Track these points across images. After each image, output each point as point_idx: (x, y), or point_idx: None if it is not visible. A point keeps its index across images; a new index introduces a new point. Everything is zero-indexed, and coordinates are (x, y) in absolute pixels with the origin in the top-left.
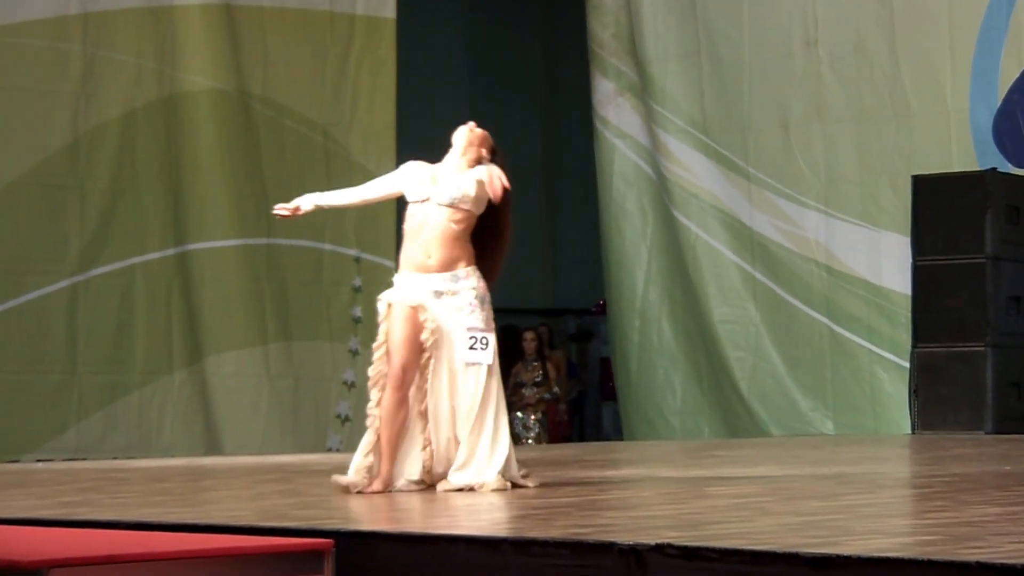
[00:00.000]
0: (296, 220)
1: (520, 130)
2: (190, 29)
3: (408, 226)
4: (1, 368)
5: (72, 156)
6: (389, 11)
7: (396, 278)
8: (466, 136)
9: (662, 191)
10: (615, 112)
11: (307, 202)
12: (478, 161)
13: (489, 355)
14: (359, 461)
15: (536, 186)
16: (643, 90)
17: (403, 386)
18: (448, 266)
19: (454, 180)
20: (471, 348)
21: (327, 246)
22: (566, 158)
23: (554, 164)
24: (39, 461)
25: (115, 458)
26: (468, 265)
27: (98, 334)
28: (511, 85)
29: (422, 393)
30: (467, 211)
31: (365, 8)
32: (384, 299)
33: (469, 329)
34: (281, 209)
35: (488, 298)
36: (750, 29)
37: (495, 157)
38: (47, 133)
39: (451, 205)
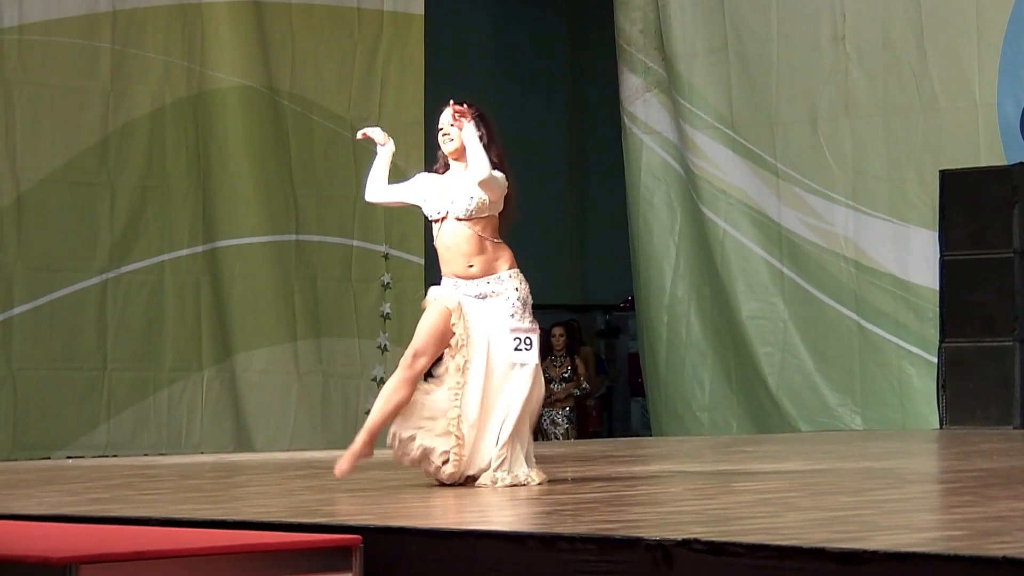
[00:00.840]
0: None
1: (548, 126)
2: (218, 26)
3: (439, 243)
4: (32, 365)
5: (102, 153)
6: (417, 7)
7: (442, 283)
8: (458, 139)
9: (690, 187)
10: (643, 108)
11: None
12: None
13: (534, 355)
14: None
15: (564, 182)
16: (671, 86)
17: (410, 369)
18: (490, 271)
19: (467, 191)
20: (516, 349)
21: (356, 243)
22: (594, 154)
23: (582, 160)
24: (69, 458)
25: (145, 455)
26: (511, 267)
27: (128, 331)
28: (539, 81)
29: (456, 395)
30: (486, 218)
31: (393, 4)
32: (431, 293)
33: (513, 330)
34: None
35: (530, 300)
36: (778, 24)
37: (483, 123)
38: (77, 131)
39: (470, 218)
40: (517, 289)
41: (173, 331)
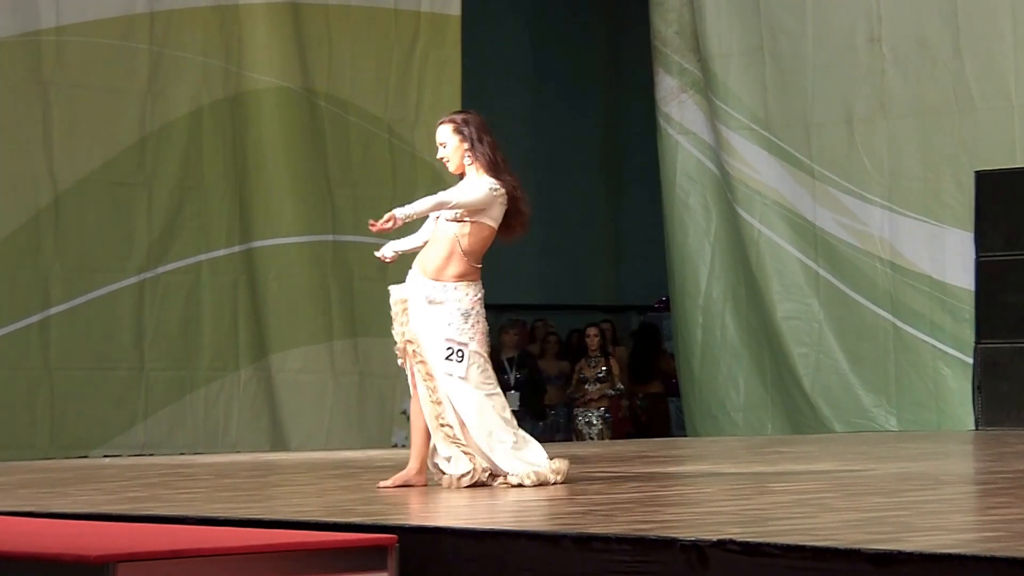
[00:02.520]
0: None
1: (583, 127)
2: (256, 27)
3: (425, 234)
4: (70, 364)
5: (140, 154)
6: (454, 8)
7: (410, 273)
8: (452, 160)
9: (725, 188)
10: (678, 109)
11: (389, 249)
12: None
13: (462, 368)
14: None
15: (599, 183)
16: (706, 87)
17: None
18: (438, 277)
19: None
20: (446, 359)
21: None
22: (629, 155)
23: (617, 161)
24: (107, 456)
25: (181, 454)
26: (461, 280)
27: (165, 331)
28: (574, 82)
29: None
30: (476, 223)
31: (430, 5)
32: (391, 289)
33: (447, 340)
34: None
35: (476, 315)
36: (813, 25)
37: (466, 128)
38: (115, 131)
39: (456, 220)
40: (459, 301)
41: (210, 331)
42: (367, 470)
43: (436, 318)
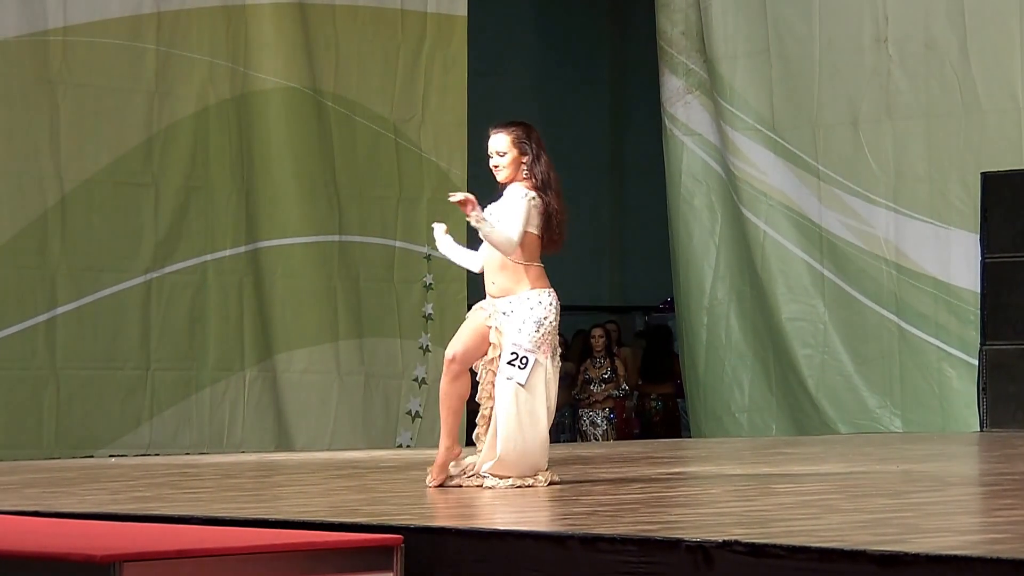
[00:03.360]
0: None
1: (589, 127)
2: (262, 27)
3: (479, 260)
4: (75, 364)
5: (146, 154)
6: (460, 8)
7: None
8: (505, 170)
9: (731, 189)
10: (684, 110)
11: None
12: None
13: (523, 375)
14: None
15: (604, 183)
16: (712, 87)
17: (451, 364)
18: (509, 291)
19: (498, 214)
20: (508, 363)
21: (398, 243)
22: (634, 155)
23: (622, 161)
24: (112, 456)
25: (187, 454)
26: (533, 288)
27: (171, 331)
28: (580, 83)
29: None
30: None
31: (437, 6)
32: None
33: (513, 344)
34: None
35: (548, 325)
36: (820, 26)
37: (528, 143)
38: (121, 131)
39: None
40: (532, 309)
41: (216, 331)
42: (372, 470)
43: (508, 327)
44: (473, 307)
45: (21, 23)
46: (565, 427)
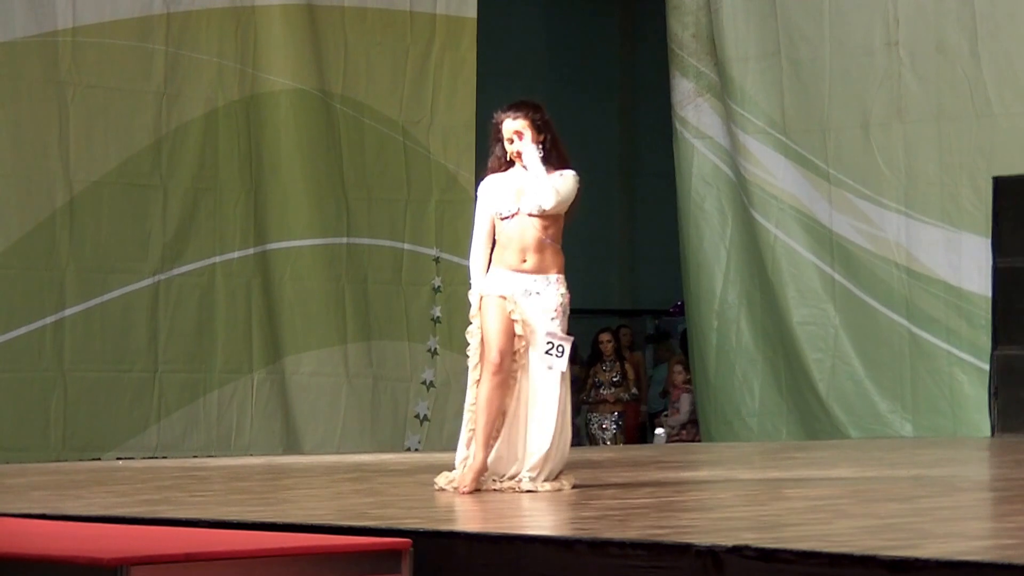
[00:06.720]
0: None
1: (599, 130)
2: (271, 29)
3: (501, 238)
4: (83, 366)
5: (155, 155)
6: (470, 11)
7: (489, 275)
8: (524, 146)
9: (741, 192)
10: (694, 112)
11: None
12: (545, 158)
13: (564, 362)
14: (458, 459)
15: (615, 186)
16: (723, 90)
17: (500, 371)
18: (541, 270)
19: (537, 190)
20: (547, 352)
21: (407, 246)
22: (645, 158)
23: (633, 164)
24: (120, 459)
25: (195, 456)
26: (559, 273)
27: (179, 333)
28: (590, 86)
29: (508, 389)
30: (553, 217)
31: (446, 7)
32: (475, 291)
33: (549, 333)
34: None
35: (568, 311)
36: (830, 29)
37: (544, 126)
38: (130, 133)
39: (542, 215)
40: (562, 295)
41: (224, 333)
42: (380, 473)
43: (536, 310)
44: (483, 297)
45: (30, 24)
46: (574, 430)
